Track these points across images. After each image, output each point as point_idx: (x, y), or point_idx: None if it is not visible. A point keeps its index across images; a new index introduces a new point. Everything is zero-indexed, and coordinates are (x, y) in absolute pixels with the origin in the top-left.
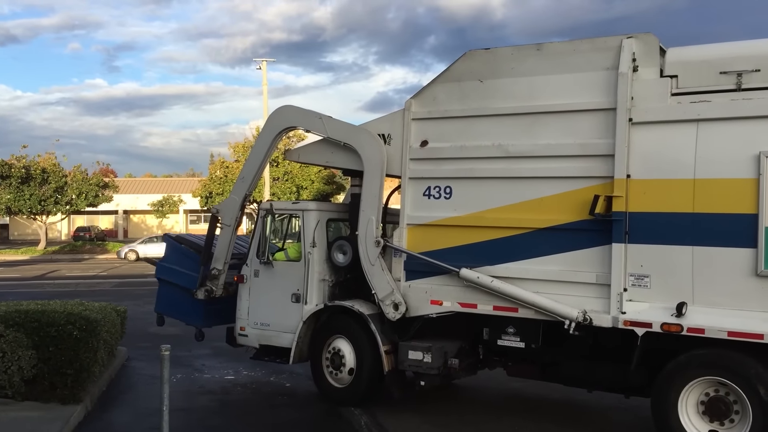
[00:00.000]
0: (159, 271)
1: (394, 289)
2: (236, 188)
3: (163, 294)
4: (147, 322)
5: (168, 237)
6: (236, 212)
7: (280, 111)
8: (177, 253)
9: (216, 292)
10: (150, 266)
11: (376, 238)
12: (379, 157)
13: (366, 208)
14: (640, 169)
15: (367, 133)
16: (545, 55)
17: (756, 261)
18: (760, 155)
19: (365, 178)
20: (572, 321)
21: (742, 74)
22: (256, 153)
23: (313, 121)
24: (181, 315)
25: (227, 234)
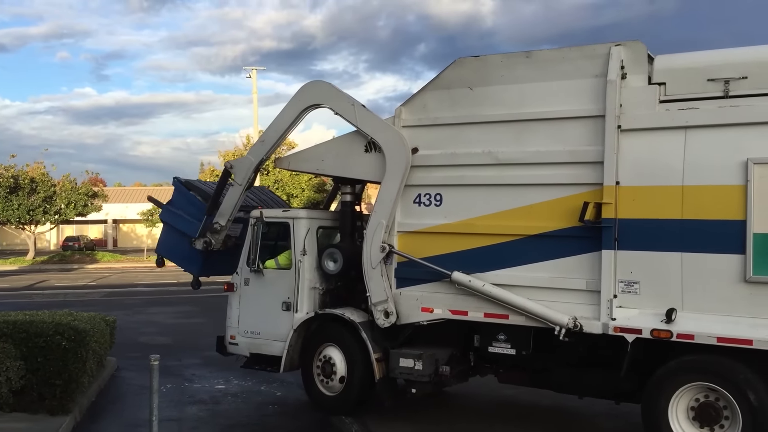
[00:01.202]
0: (163, 214)
1: (389, 297)
2: (254, 150)
3: (166, 237)
4: (137, 332)
5: (177, 181)
6: (249, 173)
7: (313, 86)
8: (184, 199)
9: (214, 246)
10: (139, 277)
11: (383, 242)
12: (405, 162)
13: (379, 210)
14: (630, 175)
15: (398, 134)
16: (534, 62)
17: (744, 267)
18: (748, 162)
19: (385, 179)
20: (563, 327)
21: (730, 81)
22: (280, 122)
23: (345, 105)
24: (180, 260)
25: (236, 192)
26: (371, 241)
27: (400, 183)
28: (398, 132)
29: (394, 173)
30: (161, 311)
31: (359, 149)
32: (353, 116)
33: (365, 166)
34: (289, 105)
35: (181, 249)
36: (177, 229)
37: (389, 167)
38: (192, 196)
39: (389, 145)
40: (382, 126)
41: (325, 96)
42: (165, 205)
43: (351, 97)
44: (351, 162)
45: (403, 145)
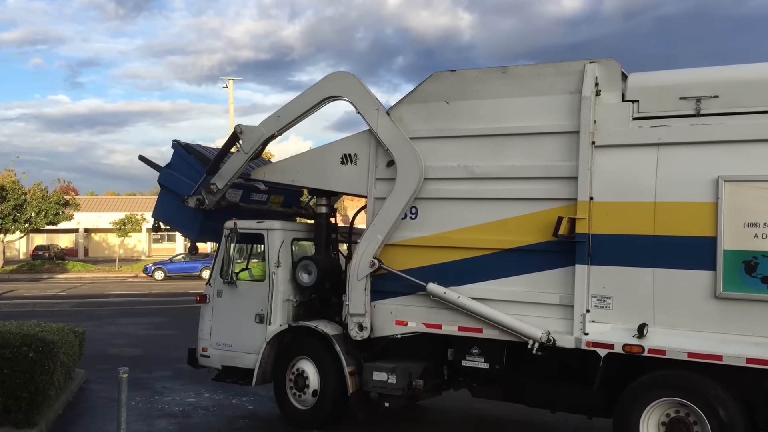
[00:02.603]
0: (162, 177)
1: (366, 312)
2: (267, 122)
3: (163, 201)
4: (107, 344)
5: (177, 144)
6: (257, 144)
7: (342, 77)
8: (184, 163)
9: (207, 205)
10: (110, 288)
11: (374, 257)
12: (416, 182)
13: (378, 225)
14: (603, 191)
15: (415, 153)
16: (510, 77)
17: (715, 283)
18: (719, 179)
19: (392, 195)
20: (536, 341)
21: (701, 100)
22: (299, 104)
23: (369, 107)
24: (177, 225)
25: (240, 159)
26: (362, 253)
27: (407, 202)
28: (416, 151)
29: (403, 191)
30: (132, 322)
31: (335, 161)
32: (375, 121)
33: (341, 178)
34: (312, 90)
35: (179, 213)
36: (175, 193)
37: (399, 184)
38: (192, 159)
39: (404, 162)
40: (401, 140)
41: (351, 91)
42: (164, 168)
43: (378, 101)
44: (327, 174)
45: (419, 166)
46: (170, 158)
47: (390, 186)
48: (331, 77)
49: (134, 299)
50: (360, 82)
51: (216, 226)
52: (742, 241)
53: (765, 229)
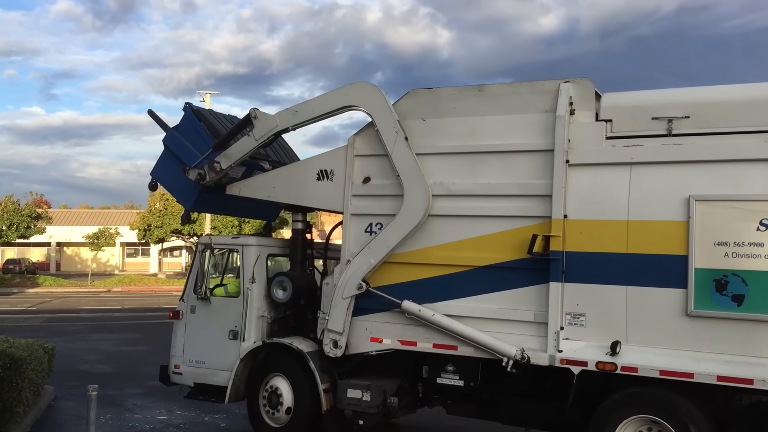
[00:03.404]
0: (167, 137)
1: (344, 331)
2: (283, 115)
3: (164, 162)
4: (77, 360)
5: (189, 108)
6: (269, 134)
7: (368, 90)
8: (192, 129)
9: (207, 181)
10: (82, 303)
11: (363, 280)
12: (420, 217)
13: (374, 249)
14: (577, 209)
15: (426, 187)
16: (486, 96)
17: (686, 301)
18: (690, 198)
19: (393, 225)
20: (510, 359)
21: (673, 120)
22: (318, 105)
23: (389, 128)
24: (174, 191)
25: (249, 143)
26: (352, 273)
27: (407, 233)
28: (427, 185)
29: (406, 222)
30: (104, 338)
31: (311, 177)
32: (391, 144)
33: (317, 194)
34: (335, 94)
35: (178, 180)
36: (177, 157)
37: (403, 215)
38: (201, 127)
39: (412, 193)
40: (414, 171)
41: (375, 106)
42: (171, 129)
43: (399, 125)
44: (303, 190)
45: (427, 201)
46: (179, 120)
47: (365, 202)
48: (357, 86)
49: (106, 314)
50: (385, 99)
51: (214, 199)
52: (713, 259)
53: (735, 248)
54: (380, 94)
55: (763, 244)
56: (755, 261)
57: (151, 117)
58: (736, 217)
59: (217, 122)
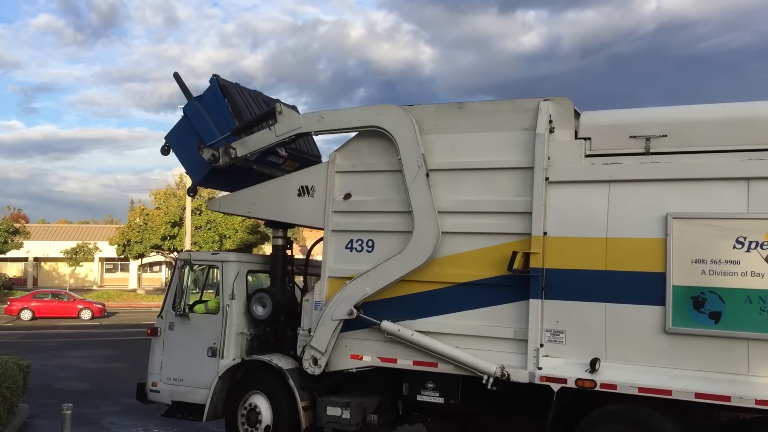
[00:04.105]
0: (188, 107)
1: (327, 351)
2: (309, 118)
3: (181, 130)
4: (53, 377)
5: (215, 81)
6: (290, 134)
7: (399, 115)
8: (215, 104)
9: (219, 164)
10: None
11: (355, 306)
12: (426, 256)
13: (373, 278)
14: (557, 226)
15: (437, 227)
16: (467, 113)
17: (664, 318)
18: (667, 216)
19: (400, 256)
20: (490, 376)
21: (650, 139)
22: (345, 117)
23: (411, 160)
24: (184, 161)
25: (268, 137)
26: (345, 298)
27: (410, 271)
28: (439, 225)
29: (411, 260)
30: (81, 355)
31: (292, 193)
32: (411, 177)
33: (298, 210)
34: (364, 111)
35: (191, 150)
36: (194, 129)
37: (410, 251)
38: (224, 104)
39: (424, 233)
40: (429, 209)
41: (403, 134)
42: (194, 99)
43: (423, 159)
44: (284, 205)
45: (436, 242)
46: (203, 91)
47: (346, 218)
48: (389, 109)
49: (84, 330)
50: (415, 129)
51: (225, 179)
52: (690, 277)
53: (712, 265)
54: (410, 123)
55: (739, 262)
56: (732, 278)
57: (176, 80)
58: (712, 234)
59: (243, 102)
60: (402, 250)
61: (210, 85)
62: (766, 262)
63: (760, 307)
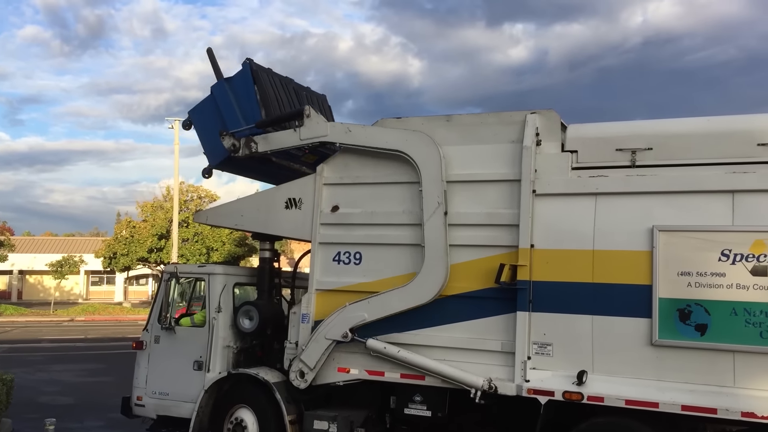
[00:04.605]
0: (217, 87)
1: (316, 368)
2: (336, 129)
3: (205, 108)
4: (37, 391)
5: (248, 65)
6: (315, 141)
7: (429, 147)
8: (244, 90)
9: (239, 154)
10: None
11: (351, 329)
12: (435, 291)
13: (374, 304)
14: (544, 239)
15: (447, 265)
16: (454, 126)
17: (651, 330)
18: (653, 229)
19: (405, 289)
20: (478, 390)
21: (636, 152)
22: (372, 136)
23: (432, 196)
24: (204, 141)
25: (291, 140)
26: (342, 320)
27: (412, 306)
28: (448, 267)
29: (415, 295)
30: (66, 369)
31: (280, 205)
32: (429, 212)
33: (286, 222)
34: (392, 134)
35: (212, 132)
36: (219, 112)
37: (416, 286)
38: (253, 92)
39: (433, 270)
40: (442, 248)
41: (427, 166)
42: (223, 80)
43: (444, 196)
44: (271, 218)
45: (444, 280)
46: (234, 74)
47: (333, 230)
48: (419, 137)
49: (69, 344)
50: (442, 163)
51: (242, 164)
52: (677, 289)
53: (698, 277)
54: (438, 158)
55: (724, 275)
56: (717, 291)
57: (208, 57)
58: (698, 247)
59: (272, 91)
60: (407, 284)
61: (242, 68)
62: (751, 274)
63: (746, 320)
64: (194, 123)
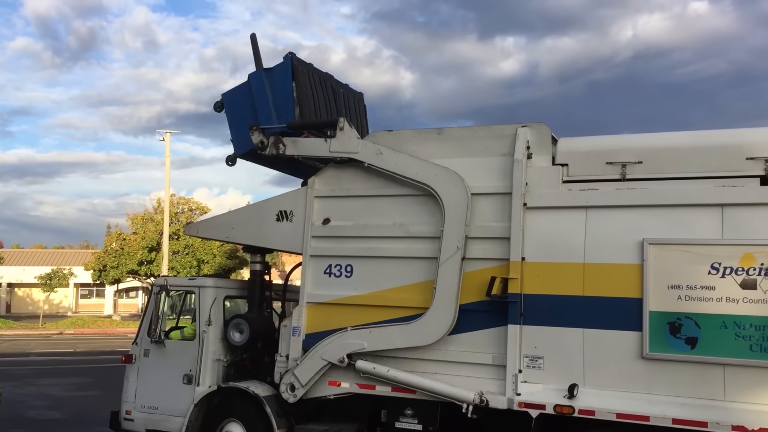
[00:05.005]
0: (254, 76)
1: (307, 385)
2: (367, 148)
3: (240, 94)
4: (25, 406)
5: (290, 59)
6: (343, 155)
7: (456, 185)
8: (281, 83)
9: (266, 152)
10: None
11: (348, 355)
12: (438, 336)
13: (375, 336)
14: (535, 252)
15: (455, 310)
16: (445, 139)
17: (641, 344)
18: (644, 242)
19: (409, 327)
20: (469, 404)
21: (626, 165)
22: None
23: (452, 238)
24: (233, 127)
25: (320, 150)
26: (341, 345)
27: (414, 346)
28: (456, 312)
29: (419, 335)
30: (54, 383)
31: (271, 218)
32: (447, 254)
33: (277, 235)
34: (424, 167)
35: (242, 122)
36: (253, 102)
37: (421, 327)
38: (290, 87)
39: (440, 315)
40: (454, 293)
41: (453, 206)
42: (263, 69)
43: (465, 242)
44: (262, 230)
45: (450, 325)
46: (274, 65)
47: (325, 243)
48: (450, 176)
49: (57, 358)
50: (468, 206)
51: (267, 158)
52: (667, 302)
53: (688, 291)
54: (466, 201)
55: (714, 288)
56: (707, 304)
57: (251, 42)
58: (688, 260)
59: (311, 91)
60: (412, 321)
61: (283, 61)
62: (740, 287)
63: (736, 333)
64: (226, 107)
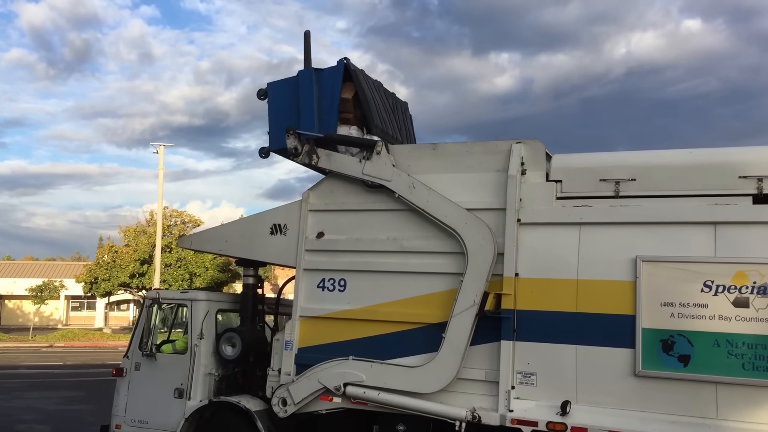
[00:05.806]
0: (304, 75)
1: (300, 403)
2: (400, 180)
3: (286, 88)
4: (13, 420)
5: (344, 65)
6: (375, 180)
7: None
8: (329, 88)
9: (298, 159)
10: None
11: (344, 385)
12: (439, 387)
13: (376, 372)
14: (528, 268)
15: (460, 364)
16: (440, 154)
17: (634, 361)
18: (637, 259)
19: (411, 373)
20: (462, 421)
21: (620, 182)
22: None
23: (471, 290)
24: (272, 119)
25: (353, 169)
26: (339, 373)
27: (411, 393)
28: (463, 359)
29: (421, 382)
30: (43, 396)
31: (265, 231)
32: (462, 306)
33: (270, 248)
34: (454, 212)
35: (281, 117)
36: (297, 101)
37: (423, 374)
38: (338, 93)
39: (443, 366)
40: (461, 348)
41: (476, 259)
42: (312, 69)
43: (482, 297)
44: (256, 244)
45: (452, 379)
46: (325, 68)
47: (318, 257)
48: (479, 227)
49: (47, 371)
50: (494, 258)
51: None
52: (660, 319)
53: (681, 308)
54: (492, 253)
55: (707, 305)
56: (700, 322)
57: (304, 40)
58: (681, 278)
59: (371, 93)
60: (416, 366)
61: (336, 65)
62: (733, 305)
63: (728, 351)
64: (269, 97)
